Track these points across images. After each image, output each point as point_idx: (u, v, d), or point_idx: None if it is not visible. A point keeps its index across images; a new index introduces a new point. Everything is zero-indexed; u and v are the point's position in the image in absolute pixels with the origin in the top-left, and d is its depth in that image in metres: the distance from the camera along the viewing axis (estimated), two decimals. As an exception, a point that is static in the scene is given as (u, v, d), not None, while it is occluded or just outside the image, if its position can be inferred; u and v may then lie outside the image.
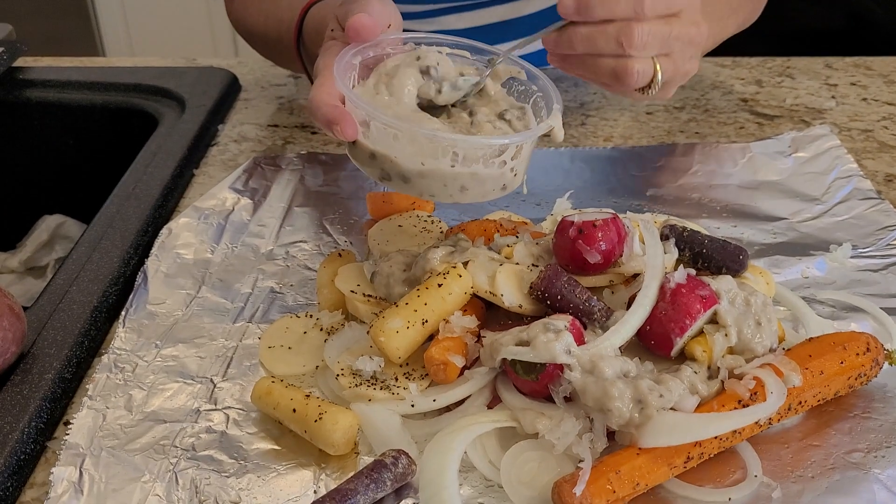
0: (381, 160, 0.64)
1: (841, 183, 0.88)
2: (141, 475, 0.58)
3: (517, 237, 0.72)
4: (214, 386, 0.65)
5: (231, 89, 1.10)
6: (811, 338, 0.63)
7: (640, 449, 0.55)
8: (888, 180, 0.90)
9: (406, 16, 1.11)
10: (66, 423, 0.63)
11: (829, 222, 0.82)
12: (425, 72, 0.68)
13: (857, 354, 0.61)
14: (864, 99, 1.07)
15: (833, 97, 1.07)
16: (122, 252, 0.78)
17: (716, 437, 0.56)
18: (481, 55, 0.71)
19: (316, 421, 0.58)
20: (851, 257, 0.77)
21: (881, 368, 0.63)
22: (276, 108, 1.08)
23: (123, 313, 0.71)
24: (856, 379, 0.62)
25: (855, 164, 0.91)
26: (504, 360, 0.59)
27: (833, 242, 0.79)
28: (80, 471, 0.58)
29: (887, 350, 0.63)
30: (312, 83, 0.67)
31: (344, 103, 0.64)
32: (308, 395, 0.60)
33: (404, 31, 0.73)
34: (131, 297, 0.73)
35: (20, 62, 1.16)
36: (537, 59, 1.19)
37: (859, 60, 1.17)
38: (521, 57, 0.72)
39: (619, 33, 0.69)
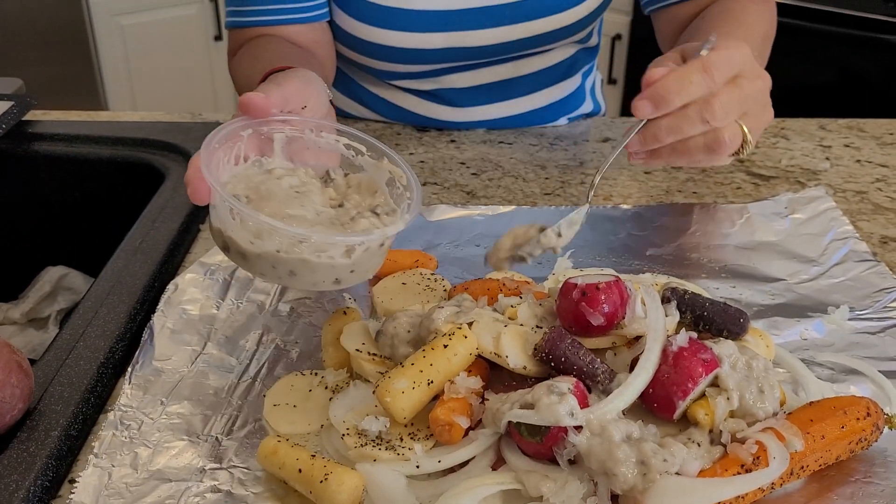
0: (224, 231, 0.66)
1: (837, 245, 0.89)
2: (146, 536, 0.58)
3: (520, 297, 0.73)
4: (219, 444, 0.65)
5: (237, 145, 1.11)
6: (812, 402, 0.64)
7: (644, 513, 0.56)
8: (883, 242, 0.92)
9: (410, 75, 1.14)
10: (72, 482, 0.63)
11: (827, 284, 0.84)
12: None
13: (858, 419, 0.62)
14: (858, 161, 1.09)
15: (827, 158, 1.10)
16: (129, 307, 0.78)
17: (719, 503, 0.56)
18: (376, 152, 0.73)
19: (321, 482, 0.59)
20: (849, 319, 0.78)
21: (881, 433, 0.63)
22: (281, 164, 1.09)
23: (130, 369, 0.72)
24: (857, 443, 0.62)
25: (850, 225, 0.92)
26: (509, 421, 0.60)
27: (831, 304, 0.80)
28: (85, 531, 0.58)
29: (887, 414, 0.64)
30: None
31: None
32: (314, 456, 0.61)
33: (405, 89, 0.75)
34: (137, 353, 0.74)
35: (29, 116, 1.18)
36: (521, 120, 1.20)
37: (852, 122, 1.19)
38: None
39: (701, 112, 0.72)
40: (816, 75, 2.41)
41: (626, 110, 2.85)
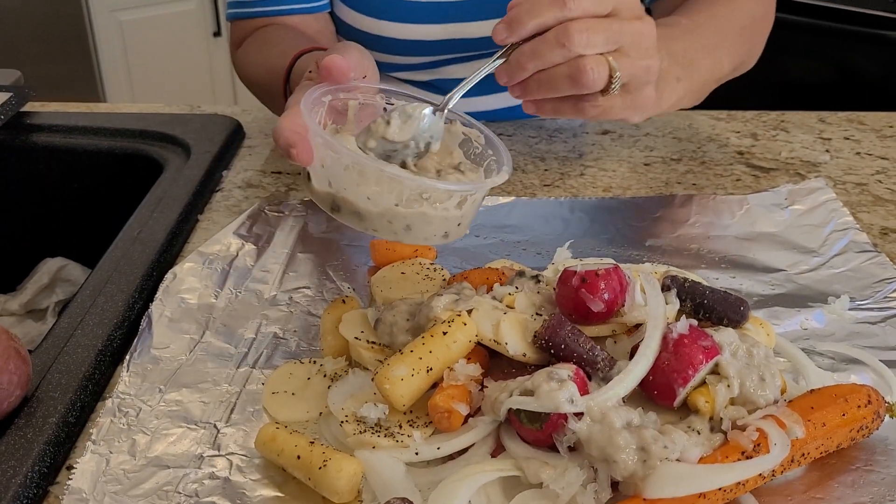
0: (334, 191, 0.65)
1: (837, 236, 0.89)
2: (143, 522, 0.57)
3: (517, 287, 0.72)
4: (218, 431, 0.65)
5: (235, 136, 1.11)
6: (812, 390, 0.64)
7: (644, 500, 0.55)
8: (883, 233, 0.92)
9: (409, 67, 1.13)
10: (70, 468, 0.63)
11: (827, 274, 0.84)
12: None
13: (859, 407, 0.62)
14: (858, 153, 1.09)
15: (827, 151, 1.10)
16: (127, 296, 0.78)
17: (720, 489, 0.56)
18: (448, 115, 0.73)
19: (320, 468, 0.58)
20: (850, 309, 0.78)
21: (882, 421, 0.63)
22: (279, 155, 1.09)
23: (128, 357, 0.72)
24: (857, 431, 0.62)
25: (850, 216, 0.92)
26: (509, 409, 0.60)
27: (831, 294, 0.80)
28: (82, 517, 0.57)
29: (888, 403, 0.64)
30: None
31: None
32: (312, 442, 0.60)
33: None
34: (135, 341, 0.73)
35: (27, 107, 1.18)
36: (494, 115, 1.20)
37: (852, 115, 1.19)
38: (477, 114, 0.75)
39: (557, 35, 0.70)
40: (817, 71, 2.41)
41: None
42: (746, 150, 1.10)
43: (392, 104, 0.73)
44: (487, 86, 1.16)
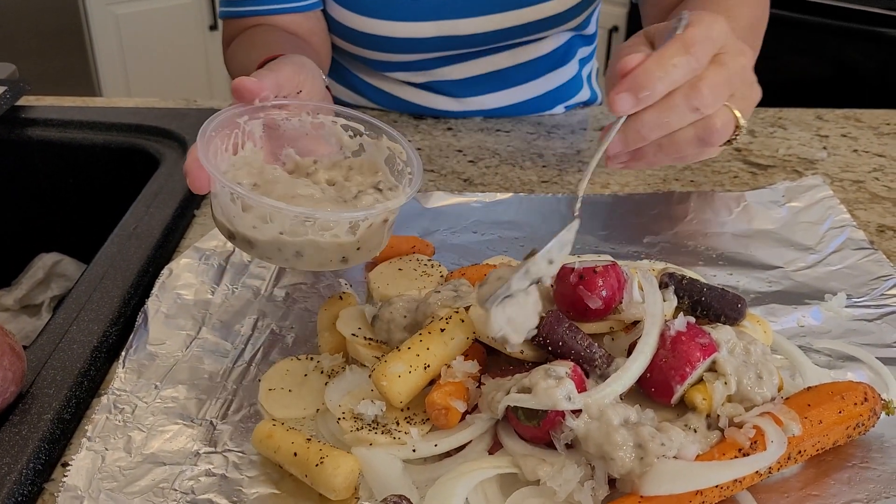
0: (226, 220, 0.66)
1: (834, 233, 0.89)
2: (139, 519, 0.57)
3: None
4: (214, 428, 0.65)
5: (232, 131, 1.11)
6: (809, 387, 0.64)
7: (641, 497, 0.55)
8: (880, 231, 0.92)
9: (403, 66, 1.13)
10: (65, 465, 0.62)
11: (824, 272, 0.84)
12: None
13: (856, 404, 0.62)
14: (855, 150, 1.09)
15: (825, 148, 1.10)
16: (123, 292, 0.78)
17: (717, 486, 0.56)
18: (374, 131, 0.73)
19: (317, 465, 0.58)
20: (846, 307, 0.78)
21: (878, 418, 0.63)
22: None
23: (123, 353, 0.71)
24: (854, 429, 0.62)
25: (847, 214, 0.92)
26: (506, 406, 0.59)
27: (828, 292, 0.80)
28: (78, 513, 0.57)
29: (884, 400, 0.64)
30: None
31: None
32: (309, 439, 0.60)
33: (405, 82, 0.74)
34: (131, 337, 0.73)
35: (23, 101, 1.17)
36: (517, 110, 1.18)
37: (849, 112, 1.19)
38: None
39: (689, 99, 0.63)
40: (814, 68, 2.41)
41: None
42: (744, 147, 1.10)
43: (318, 119, 0.73)
44: (485, 85, 1.16)
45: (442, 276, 0.80)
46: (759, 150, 1.09)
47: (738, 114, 0.68)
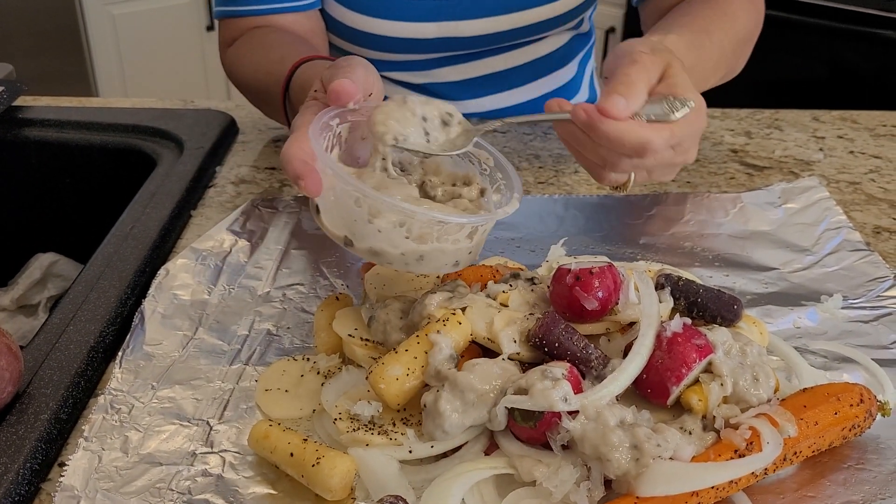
0: (345, 224, 0.64)
1: (830, 234, 0.89)
2: (136, 519, 0.57)
3: (510, 285, 0.72)
4: (211, 428, 0.65)
5: (229, 131, 1.11)
6: (805, 388, 0.64)
7: (637, 498, 0.55)
8: (876, 232, 0.92)
9: (402, 66, 1.13)
10: (62, 465, 0.62)
11: (820, 273, 0.84)
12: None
13: (851, 405, 0.62)
14: (851, 152, 1.09)
15: (821, 149, 1.10)
16: (120, 292, 0.78)
17: (713, 487, 0.56)
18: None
19: (313, 465, 0.58)
20: (842, 308, 0.78)
21: (874, 420, 0.63)
22: (272, 151, 1.09)
23: (120, 354, 0.71)
24: (850, 430, 0.62)
25: (844, 215, 0.92)
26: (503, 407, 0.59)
27: (824, 293, 0.80)
28: (74, 514, 0.57)
29: (880, 401, 0.64)
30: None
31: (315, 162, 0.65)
32: (306, 440, 0.60)
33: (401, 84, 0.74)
34: (128, 337, 0.73)
35: (19, 101, 1.17)
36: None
37: (846, 114, 1.19)
38: None
39: (607, 156, 0.72)
40: (810, 69, 2.42)
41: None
42: (740, 149, 1.10)
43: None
44: (484, 87, 1.16)
45: (438, 277, 0.80)
46: (756, 151, 1.09)
47: (632, 179, 0.78)
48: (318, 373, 0.69)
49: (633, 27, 2.78)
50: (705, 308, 0.67)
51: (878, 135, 1.14)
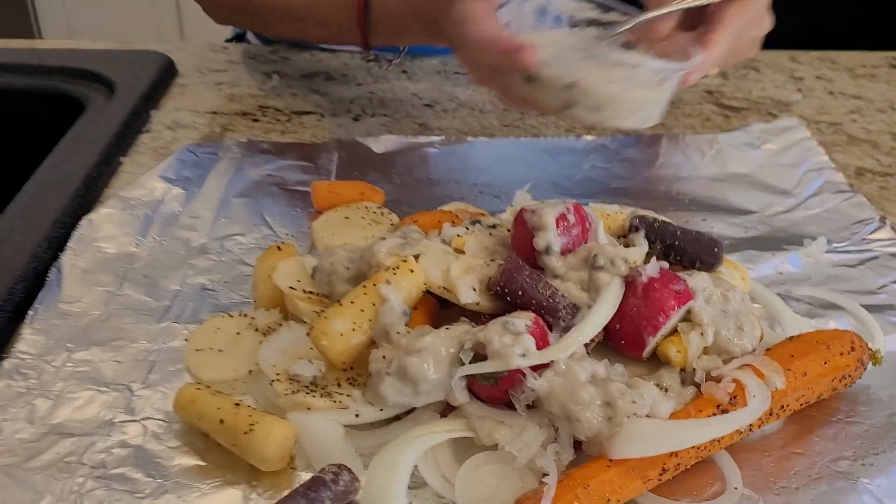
0: (567, 85, 0.65)
1: (812, 176, 0.84)
2: (41, 498, 0.50)
3: (467, 229, 0.65)
4: (132, 394, 0.58)
5: (166, 74, 1.02)
6: (792, 336, 0.59)
7: (610, 461, 0.50)
8: (859, 174, 0.87)
9: None
10: (-43, 439, 0.55)
11: (802, 216, 0.79)
12: None
13: (842, 354, 0.57)
14: (831, 92, 1.04)
15: (799, 90, 1.04)
16: (35, 245, 0.70)
17: (693, 447, 0.51)
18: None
19: (246, 433, 0.52)
20: (826, 252, 0.73)
21: (865, 369, 0.58)
22: (215, 95, 1.01)
23: (31, 313, 0.64)
24: (840, 380, 0.57)
25: (826, 156, 0.87)
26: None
27: (807, 237, 0.75)
28: (-30, 493, 0.50)
29: (871, 349, 0.59)
30: (454, 30, 0.68)
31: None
32: (238, 404, 0.54)
33: None
34: (40, 294, 0.65)
35: (-64, 43, 1.07)
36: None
37: (824, 54, 1.14)
38: None
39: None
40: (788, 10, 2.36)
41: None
42: (716, 90, 1.04)
43: None
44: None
45: (392, 224, 0.73)
46: (732, 92, 1.03)
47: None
48: (257, 330, 0.62)
49: None
50: (683, 251, 0.62)
51: (858, 75, 1.09)
